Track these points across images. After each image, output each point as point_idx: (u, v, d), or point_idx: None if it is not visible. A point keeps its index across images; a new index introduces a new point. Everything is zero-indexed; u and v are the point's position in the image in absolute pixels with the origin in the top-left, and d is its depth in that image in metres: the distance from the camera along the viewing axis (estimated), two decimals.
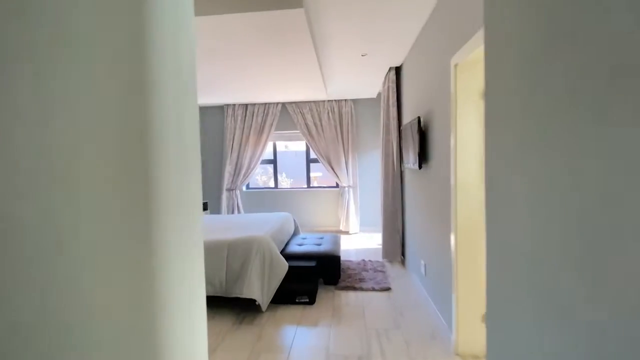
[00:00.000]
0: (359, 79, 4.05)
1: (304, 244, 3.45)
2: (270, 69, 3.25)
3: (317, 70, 3.31)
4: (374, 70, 3.69)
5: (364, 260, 3.76)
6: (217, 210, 5.60)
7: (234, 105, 5.40)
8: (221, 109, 5.57)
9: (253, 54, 2.85)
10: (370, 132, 5.30)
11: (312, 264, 2.94)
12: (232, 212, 5.43)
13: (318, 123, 5.25)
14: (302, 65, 3.15)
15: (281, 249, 3.20)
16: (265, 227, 3.20)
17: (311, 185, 5.73)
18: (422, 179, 2.76)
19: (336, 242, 3.49)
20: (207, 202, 4.82)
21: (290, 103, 5.26)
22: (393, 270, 3.49)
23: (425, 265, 2.71)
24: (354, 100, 5.26)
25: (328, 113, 5.23)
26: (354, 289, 3.00)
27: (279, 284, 2.67)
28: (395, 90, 3.65)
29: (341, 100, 5.20)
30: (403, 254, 3.72)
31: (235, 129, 5.41)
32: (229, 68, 3.22)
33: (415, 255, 3.11)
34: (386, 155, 3.77)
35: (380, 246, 4.26)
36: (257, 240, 2.71)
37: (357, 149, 5.32)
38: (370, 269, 3.48)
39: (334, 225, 5.44)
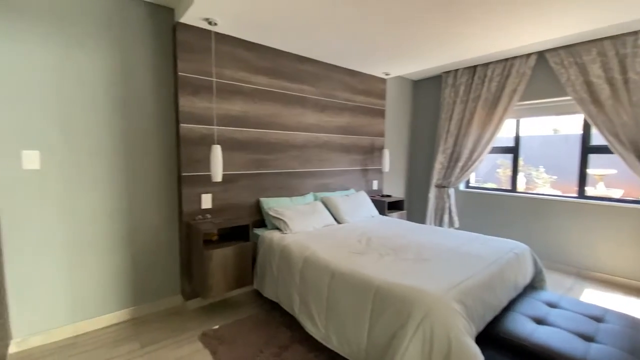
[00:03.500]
0: None
1: (548, 322, 1.66)
2: None
3: None
4: None
5: None
6: (421, 215, 4.40)
7: (456, 71, 3.87)
8: (437, 80, 4.21)
9: None
10: None
11: None
12: (440, 221, 4.05)
13: (618, 77, 2.72)
14: None
15: (490, 319, 1.65)
16: (460, 271, 1.74)
17: (587, 195, 3.23)
18: None
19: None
20: (403, 200, 3.76)
21: (555, 50, 3.05)
22: None
23: None
24: None
25: None
26: None
27: None
28: None
29: None
30: None
31: (455, 103, 3.90)
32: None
33: None
34: None
35: None
36: (426, 301, 1.39)
37: None
38: None
39: (638, 278, 2.77)
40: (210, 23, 2.24)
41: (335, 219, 2.91)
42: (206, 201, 2.51)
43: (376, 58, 3.08)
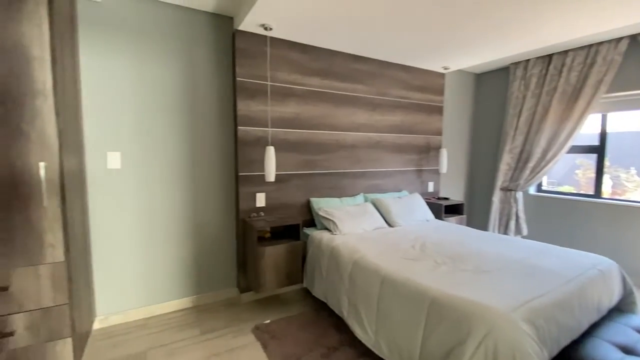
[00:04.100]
0: None
1: (639, 353, 1.40)
2: None
3: None
4: None
5: None
6: (483, 220, 4.06)
7: (527, 61, 3.48)
8: (504, 72, 3.83)
9: None
10: None
11: None
12: (505, 228, 3.69)
13: None
14: None
15: (566, 344, 1.45)
16: (530, 287, 1.56)
17: None
18: None
19: None
20: (462, 204, 3.49)
21: None
22: None
23: None
24: None
25: None
26: None
27: None
28: None
29: None
30: None
31: (525, 97, 3.52)
32: None
33: None
34: None
35: None
36: (488, 317, 1.27)
37: None
38: None
39: None
40: (265, 28, 2.31)
41: (386, 222, 2.82)
42: (260, 200, 2.61)
43: (435, 52, 2.90)
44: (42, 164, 1.45)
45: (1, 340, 1.42)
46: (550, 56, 3.29)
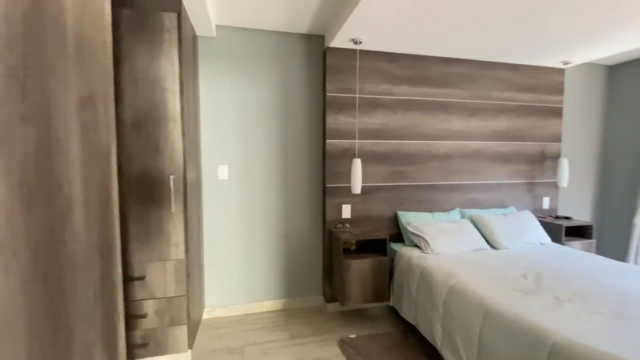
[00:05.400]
0: None
1: None
2: None
3: None
4: None
5: None
6: (620, 247, 3.21)
7: None
8: None
9: None
10: None
11: None
12: None
13: None
14: None
15: None
16: None
17: None
18: None
19: None
20: (590, 226, 2.81)
21: None
22: None
23: None
24: None
25: None
26: None
27: None
28: None
29: None
30: None
31: None
32: None
33: None
34: None
35: None
36: None
37: None
38: None
39: None
40: (355, 42, 2.34)
41: (488, 243, 2.49)
42: (346, 211, 2.62)
43: (553, 45, 2.46)
44: (171, 177, 1.75)
45: (139, 320, 1.74)
46: None
